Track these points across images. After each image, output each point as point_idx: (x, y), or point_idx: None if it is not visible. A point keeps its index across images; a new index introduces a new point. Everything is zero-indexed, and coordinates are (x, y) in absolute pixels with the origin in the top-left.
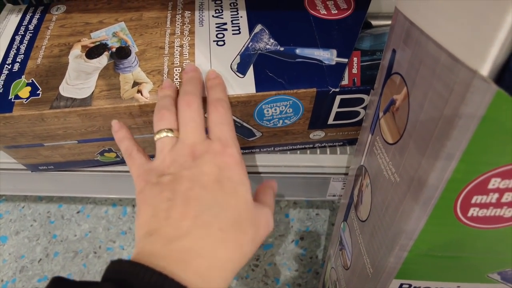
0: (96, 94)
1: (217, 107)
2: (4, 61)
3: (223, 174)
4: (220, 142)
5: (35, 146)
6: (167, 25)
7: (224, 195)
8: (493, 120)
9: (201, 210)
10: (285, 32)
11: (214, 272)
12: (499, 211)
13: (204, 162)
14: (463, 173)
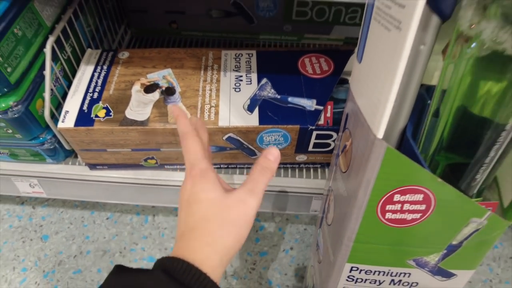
0: (151, 118)
1: (181, 140)
2: (87, 90)
3: (191, 193)
4: (187, 170)
5: (100, 151)
6: (201, 73)
7: (190, 209)
8: (388, 161)
9: (181, 222)
10: (282, 85)
11: (210, 262)
12: (403, 215)
13: (182, 187)
14: (377, 191)
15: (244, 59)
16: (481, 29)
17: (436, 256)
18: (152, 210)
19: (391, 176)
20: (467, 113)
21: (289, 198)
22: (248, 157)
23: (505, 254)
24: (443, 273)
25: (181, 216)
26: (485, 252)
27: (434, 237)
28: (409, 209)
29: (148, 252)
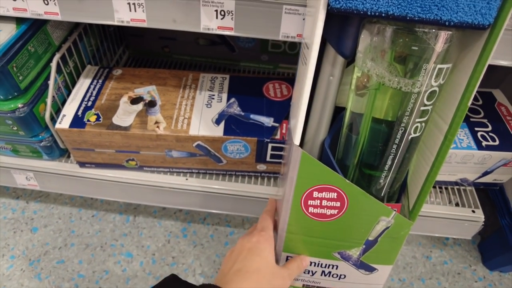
0: (133, 125)
1: (263, 214)
2: (84, 99)
3: (255, 245)
4: (258, 229)
5: (89, 150)
6: (180, 91)
7: (252, 256)
8: (304, 163)
9: (237, 263)
10: (247, 105)
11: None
12: (323, 210)
13: (246, 239)
14: (299, 187)
15: (218, 82)
16: (374, 72)
17: (357, 251)
18: (133, 211)
19: (309, 176)
20: (374, 130)
21: (250, 203)
22: (216, 164)
23: (453, 270)
24: (365, 267)
25: (239, 258)
26: (398, 249)
27: (352, 232)
28: (327, 205)
29: (126, 248)
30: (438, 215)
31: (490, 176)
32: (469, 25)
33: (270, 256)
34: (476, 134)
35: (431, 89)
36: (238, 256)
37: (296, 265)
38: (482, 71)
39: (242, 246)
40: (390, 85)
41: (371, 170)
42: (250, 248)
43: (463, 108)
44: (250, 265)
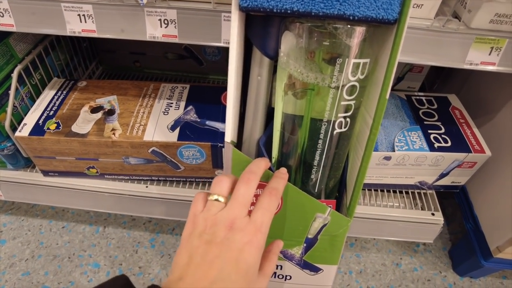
0: (91, 132)
1: (271, 194)
2: (46, 108)
3: (243, 256)
4: (255, 226)
5: (50, 158)
6: (139, 100)
7: (238, 276)
8: (236, 158)
9: (217, 279)
10: (204, 112)
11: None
12: None
13: (235, 238)
14: None
15: (178, 91)
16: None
17: (298, 249)
18: (104, 221)
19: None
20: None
21: None
22: (174, 170)
23: (423, 277)
24: (310, 267)
25: (224, 268)
26: (340, 247)
27: (291, 230)
28: None
29: (94, 258)
30: (397, 218)
31: (447, 178)
32: (374, 20)
33: (256, 269)
34: (429, 136)
35: (349, 83)
36: (220, 266)
37: (272, 264)
38: (394, 64)
39: (229, 247)
40: (308, 81)
41: (304, 167)
42: (237, 260)
43: (382, 101)
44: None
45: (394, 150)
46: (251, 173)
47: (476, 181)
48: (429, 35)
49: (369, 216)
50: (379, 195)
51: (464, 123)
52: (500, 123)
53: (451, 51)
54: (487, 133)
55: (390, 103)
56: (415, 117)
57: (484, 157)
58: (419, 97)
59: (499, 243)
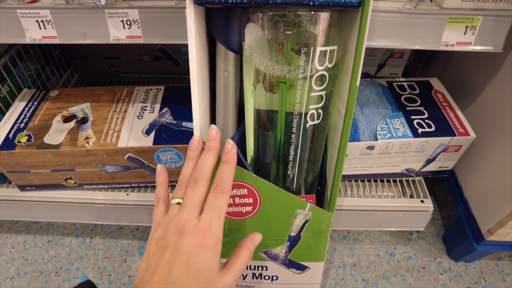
0: (64, 142)
1: (217, 190)
2: (16, 121)
3: (193, 259)
4: (204, 227)
5: (25, 172)
6: (113, 106)
7: (188, 277)
8: None
9: (169, 281)
10: (180, 113)
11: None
12: (238, 208)
13: (185, 242)
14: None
15: (152, 93)
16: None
17: (282, 248)
18: (90, 232)
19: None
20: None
21: None
22: (153, 176)
23: (418, 265)
24: (296, 266)
25: (174, 272)
26: (325, 243)
27: (272, 229)
28: (240, 202)
29: (82, 271)
30: (386, 208)
31: (434, 164)
32: (336, 4)
33: (214, 270)
34: (412, 122)
35: (317, 73)
36: (171, 268)
37: (240, 260)
38: (362, 50)
39: (178, 250)
40: (274, 74)
41: (282, 164)
42: (187, 264)
43: (353, 89)
44: (185, 280)
45: (377, 139)
46: (198, 172)
47: (464, 165)
48: (402, 17)
49: (358, 208)
50: (366, 185)
51: (447, 106)
52: (483, 104)
53: (426, 32)
54: (471, 115)
55: (371, 91)
56: (397, 104)
57: (469, 140)
58: (400, 83)
59: (490, 226)
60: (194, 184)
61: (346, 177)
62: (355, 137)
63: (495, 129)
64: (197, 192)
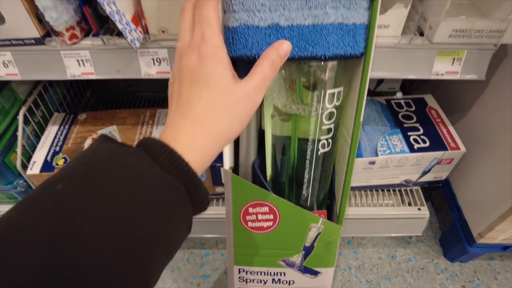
0: None
1: (199, 1)
2: (52, 145)
3: (197, 70)
4: (195, 42)
5: None
6: (138, 128)
7: (197, 89)
8: (236, 184)
9: (182, 105)
10: None
11: (192, 145)
12: (260, 223)
13: (184, 62)
14: (236, 205)
15: None
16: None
17: (298, 257)
18: None
19: (241, 194)
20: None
21: (217, 224)
22: None
23: (417, 266)
24: (310, 271)
25: (183, 94)
26: (335, 251)
27: (290, 241)
28: (262, 219)
29: None
30: (387, 216)
31: (429, 175)
32: (343, 57)
33: (224, 78)
34: (409, 138)
35: (327, 110)
36: (180, 90)
37: (261, 70)
38: (364, 91)
39: (181, 74)
40: (291, 112)
41: (296, 184)
42: (192, 79)
43: (357, 123)
44: (197, 105)
45: (378, 154)
46: (185, 4)
47: (457, 174)
48: (398, 51)
49: (362, 217)
50: (369, 195)
51: (440, 122)
52: (472, 118)
53: (419, 64)
54: (462, 128)
55: (371, 109)
56: (395, 121)
57: (460, 153)
58: (398, 101)
59: (481, 230)
60: (182, 13)
61: (351, 189)
62: (358, 154)
63: (484, 141)
64: (184, 19)
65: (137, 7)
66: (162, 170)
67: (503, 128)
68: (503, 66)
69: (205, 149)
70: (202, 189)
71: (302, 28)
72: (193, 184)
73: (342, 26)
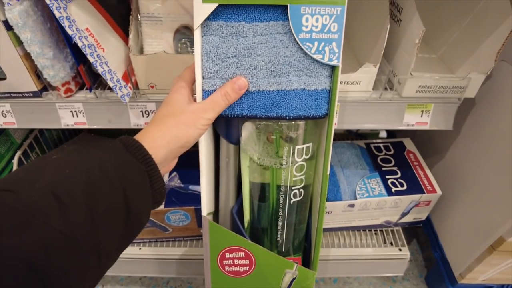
0: None
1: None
2: None
3: (166, 98)
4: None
5: None
6: None
7: (161, 108)
8: (213, 230)
9: (156, 116)
10: (187, 177)
11: (153, 143)
12: (236, 268)
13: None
14: (214, 250)
15: None
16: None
17: None
18: (101, 281)
19: (219, 239)
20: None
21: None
22: (163, 232)
23: None
24: None
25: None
26: None
27: (266, 285)
28: (238, 263)
29: None
30: (368, 257)
31: (409, 216)
32: (307, 117)
33: (180, 100)
34: (387, 182)
35: (297, 163)
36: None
37: (211, 97)
38: (330, 148)
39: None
40: (264, 164)
41: (271, 231)
42: (164, 102)
43: (325, 176)
44: (157, 115)
45: (356, 198)
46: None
47: (438, 213)
48: (370, 105)
49: (344, 258)
50: (351, 236)
51: (418, 165)
52: (449, 161)
53: (390, 115)
54: (440, 171)
55: (351, 153)
56: (374, 164)
57: (436, 196)
58: (377, 144)
59: (461, 270)
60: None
61: (332, 230)
62: (338, 197)
63: (460, 184)
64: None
65: (127, 65)
66: (132, 156)
67: (476, 172)
68: (470, 115)
69: (162, 146)
70: (161, 179)
71: (268, 92)
72: (155, 172)
73: (304, 91)
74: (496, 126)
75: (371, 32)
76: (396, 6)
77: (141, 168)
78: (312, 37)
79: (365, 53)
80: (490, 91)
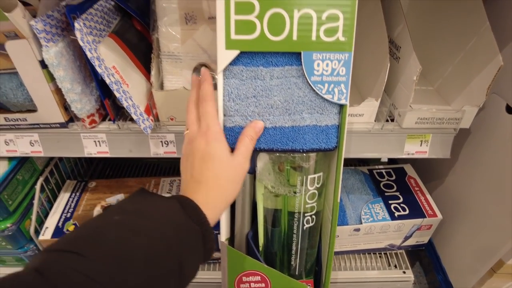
0: None
1: (202, 102)
2: (63, 211)
3: (205, 150)
4: (202, 130)
5: None
6: None
7: (207, 164)
8: (231, 254)
9: (193, 171)
10: None
11: (206, 203)
12: None
13: (195, 145)
14: (231, 274)
15: (176, 184)
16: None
17: None
18: None
19: (236, 264)
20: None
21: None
22: None
23: None
24: None
25: (195, 167)
26: None
27: None
28: (255, 287)
29: None
30: (373, 280)
31: (412, 239)
32: (318, 150)
33: (224, 154)
34: (390, 207)
35: (309, 192)
36: (193, 165)
37: (243, 144)
38: (339, 178)
39: (193, 154)
40: (278, 193)
41: (285, 255)
42: (202, 157)
43: (336, 204)
44: (207, 174)
45: (362, 222)
46: (189, 102)
47: (440, 236)
48: (372, 135)
49: (351, 280)
50: (357, 259)
51: (419, 190)
52: (448, 186)
53: (391, 145)
54: (440, 196)
55: (355, 179)
56: (377, 190)
57: (437, 220)
58: (379, 170)
59: None
60: (188, 111)
61: (339, 253)
62: (344, 221)
63: (459, 208)
64: (190, 115)
65: (149, 99)
66: (188, 218)
67: (474, 197)
68: (466, 144)
69: (215, 207)
70: (213, 240)
71: (283, 128)
72: (208, 233)
73: (316, 127)
74: (491, 153)
75: (372, 69)
76: (395, 44)
77: (196, 229)
78: (323, 79)
79: (368, 88)
80: (484, 122)
